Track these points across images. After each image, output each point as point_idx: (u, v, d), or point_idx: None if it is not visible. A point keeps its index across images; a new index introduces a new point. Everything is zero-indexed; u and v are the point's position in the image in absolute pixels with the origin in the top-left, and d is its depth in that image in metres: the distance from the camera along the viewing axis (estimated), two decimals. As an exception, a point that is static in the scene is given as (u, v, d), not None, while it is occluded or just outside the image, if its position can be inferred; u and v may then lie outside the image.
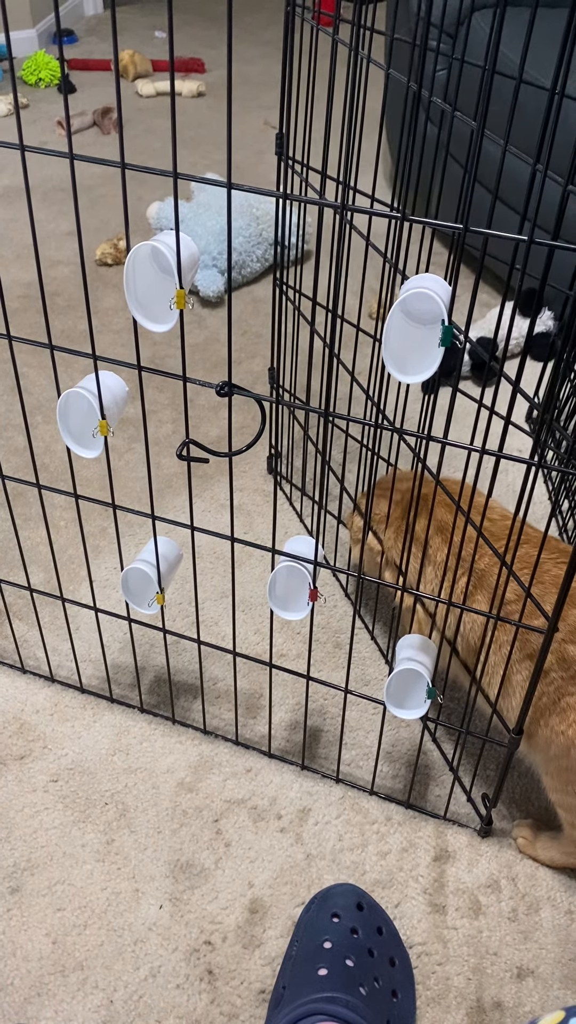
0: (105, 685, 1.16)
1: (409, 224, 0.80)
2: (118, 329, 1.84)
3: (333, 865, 0.99)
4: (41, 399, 1.65)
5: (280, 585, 0.92)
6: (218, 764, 1.08)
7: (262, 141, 2.73)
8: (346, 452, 1.29)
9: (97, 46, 3.48)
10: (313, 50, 1.05)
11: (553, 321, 1.73)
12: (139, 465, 1.51)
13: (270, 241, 1.97)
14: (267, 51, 3.51)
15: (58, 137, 2.70)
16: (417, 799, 1.05)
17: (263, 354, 1.79)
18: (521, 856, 1.00)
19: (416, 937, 0.94)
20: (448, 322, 0.65)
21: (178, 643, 1.22)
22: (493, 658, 0.94)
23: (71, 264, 2.05)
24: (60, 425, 0.85)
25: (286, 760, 1.09)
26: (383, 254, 1.00)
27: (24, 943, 0.92)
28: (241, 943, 0.93)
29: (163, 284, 0.73)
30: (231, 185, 0.67)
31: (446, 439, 0.77)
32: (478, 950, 0.93)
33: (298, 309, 1.29)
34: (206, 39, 3.60)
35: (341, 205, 0.67)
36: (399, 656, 0.91)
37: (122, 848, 1.00)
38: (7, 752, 1.08)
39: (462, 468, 1.48)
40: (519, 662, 0.91)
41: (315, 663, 1.21)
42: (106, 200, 2.34)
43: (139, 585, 0.99)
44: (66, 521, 1.40)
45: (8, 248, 2.12)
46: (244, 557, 1.35)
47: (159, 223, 2.06)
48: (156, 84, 3.05)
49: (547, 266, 0.66)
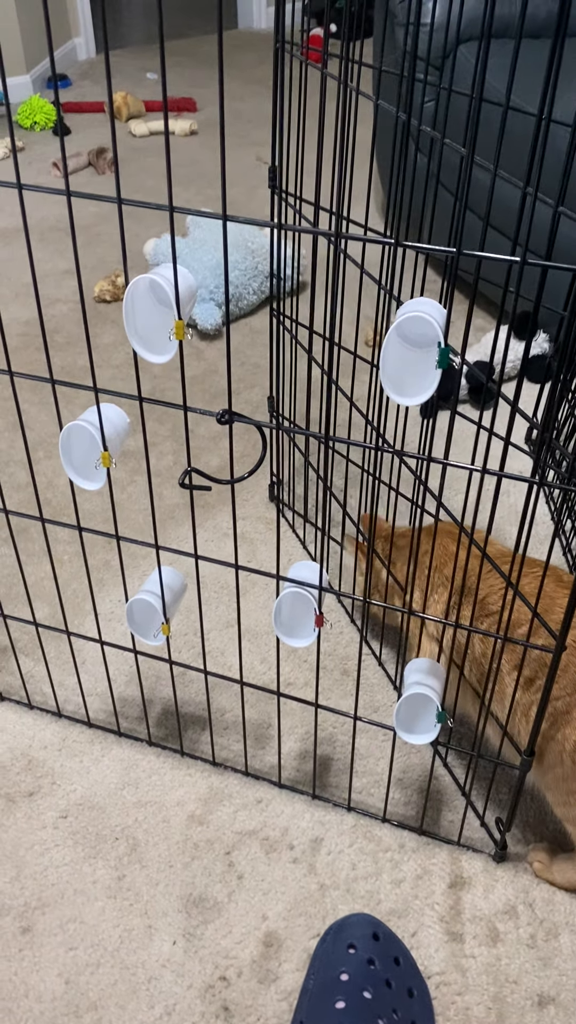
0: (112, 719, 1.15)
1: (403, 251, 0.82)
2: (118, 364, 1.86)
3: (347, 895, 0.98)
4: (42, 435, 1.66)
5: (285, 612, 0.92)
6: (228, 796, 1.07)
7: (254, 177, 2.77)
8: (347, 478, 1.29)
9: (90, 89, 3.54)
10: (303, 85, 1.07)
11: (548, 343, 1.75)
12: (141, 497, 1.51)
13: (266, 274, 2.00)
14: (258, 89, 3.57)
15: (54, 178, 2.74)
16: (430, 825, 1.04)
17: (262, 384, 1.80)
18: (537, 881, 0.99)
19: (434, 967, 0.92)
20: (444, 344, 0.66)
21: (185, 674, 1.22)
22: (502, 680, 0.93)
23: (69, 302, 2.08)
24: (63, 458, 0.85)
25: (297, 790, 1.08)
26: (378, 281, 1.01)
27: (36, 984, 0.91)
28: (257, 978, 0.91)
29: (162, 316, 0.74)
30: (227, 217, 0.68)
31: (447, 460, 0.77)
32: (497, 978, 0.91)
33: (295, 338, 1.30)
34: (197, 79, 3.67)
35: (335, 233, 0.68)
36: (407, 680, 0.91)
37: (133, 884, 0.99)
38: (16, 789, 1.08)
39: (463, 491, 1.48)
40: (523, 683, 0.91)
41: (323, 691, 1.20)
42: (103, 238, 2.37)
43: (144, 616, 0.99)
44: (69, 555, 1.41)
45: (7, 287, 2.14)
46: (248, 586, 1.35)
47: (156, 259, 2.08)
48: (149, 124, 3.11)
49: (540, 287, 0.67)
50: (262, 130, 3.14)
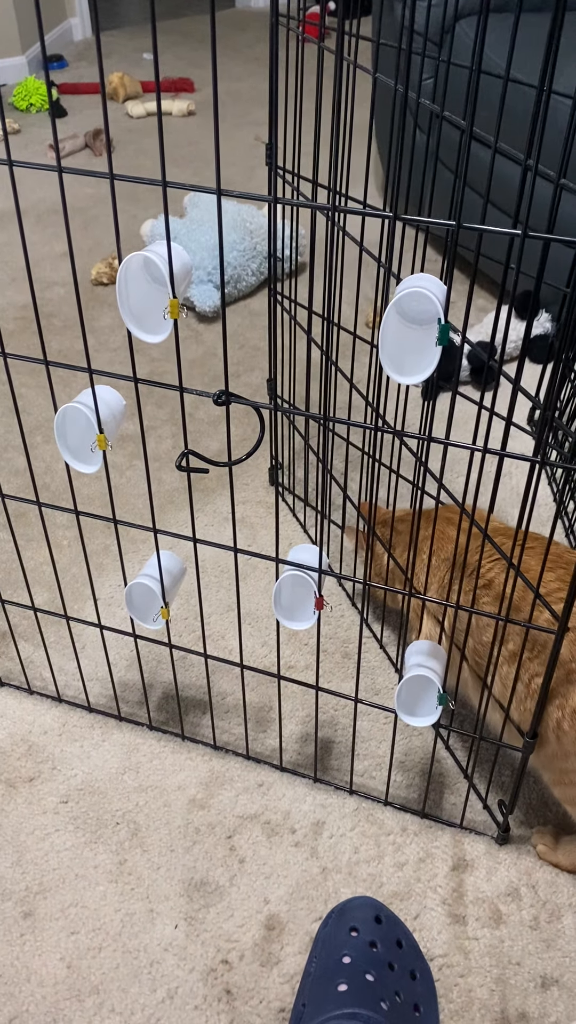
0: (113, 703, 1.15)
1: (403, 227, 0.80)
2: (115, 347, 1.84)
3: (349, 878, 0.98)
4: (40, 419, 1.64)
5: (285, 595, 0.91)
6: (229, 779, 1.07)
7: (253, 157, 2.74)
8: (347, 460, 1.28)
9: (87, 70, 3.50)
10: (300, 62, 1.06)
11: (551, 323, 1.73)
12: (140, 482, 1.50)
13: (264, 255, 1.98)
14: (255, 68, 3.54)
15: (49, 160, 2.71)
16: (432, 808, 1.04)
17: (261, 367, 1.78)
18: (540, 863, 0.99)
19: (437, 949, 0.92)
20: (444, 321, 0.64)
21: (185, 658, 1.21)
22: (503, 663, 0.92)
23: (66, 285, 2.06)
24: (58, 441, 0.84)
25: (298, 773, 1.07)
26: (377, 259, 1.00)
27: (39, 968, 0.91)
28: (259, 961, 0.91)
29: (157, 295, 0.73)
30: (221, 192, 0.67)
31: (448, 440, 0.76)
32: (500, 960, 0.91)
33: (294, 319, 1.28)
34: (194, 60, 3.63)
35: (332, 207, 0.66)
36: (408, 663, 0.90)
37: (135, 868, 0.99)
38: (16, 775, 1.07)
39: (464, 473, 1.47)
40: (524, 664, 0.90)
41: (324, 674, 1.19)
42: (99, 221, 2.35)
43: (143, 600, 0.98)
44: (68, 540, 1.40)
45: (3, 271, 2.13)
46: (248, 570, 1.34)
47: (153, 240, 2.06)
48: (146, 105, 3.07)
49: (542, 263, 0.66)
50: (261, 110, 3.10)
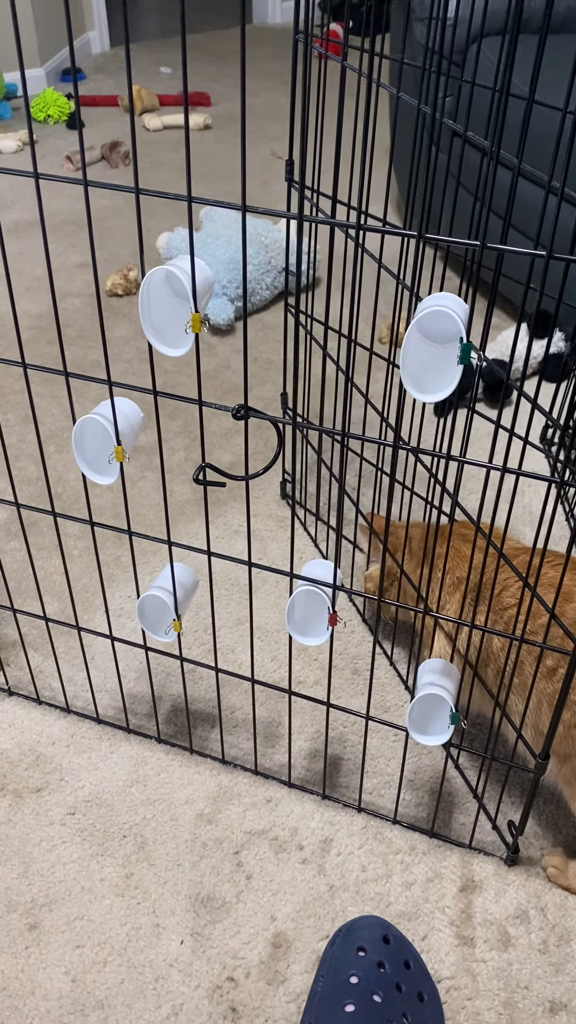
0: (122, 715, 1.15)
1: (423, 246, 0.80)
2: (129, 358, 1.85)
3: (357, 897, 0.97)
4: (53, 429, 1.65)
5: (298, 610, 0.91)
6: (237, 795, 1.06)
7: (268, 172, 2.76)
8: (360, 476, 1.28)
9: (104, 83, 3.53)
10: (322, 78, 1.06)
11: (564, 342, 1.73)
12: (151, 493, 1.51)
13: (279, 269, 1.98)
14: (272, 84, 3.56)
15: (66, 171, 2.73)
16: (441, 828, 1.03)
17: (274, 380, 1.79)
18: (550, 885, 0.98)
19: (444, 971, 0.91)
20: (466, 340, 0.64)
21: (194, 671, 1.21)
22: (516, 680, 0.92)
23: (81, 295, 2.07)
24: (76, 452, 0.84)
25: (306, 789, 1.07)
26: (396, 277, 1.00)
27: (43, 981, 0.90)
28: (265, 979, 0.91)
29: (177, 309, 0.73)
30: (246, 208, 0.67)
31: (464, 458, 0.76)
32: (508, 984, 0.90)
33: (310, 334, 1.29)
34: (210, 74, 3.66)
35: (357, 224, 0.67)
36: (421, 681, 0.90)
37: (141, 882, 0.98)
38: (23, 785, 1.07)
39: (477, 491, 1.47)
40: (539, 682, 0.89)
41: (334, 690, 1.19)
42: (115, 232, 2.36)
43: (156, 612, 0.98)
44: (79, 550, 1.40)
45: (18, 281, 2.14)
46: (259, 583, 1.34)
47: (169, 253, 2.07)
48: (163, 118, 3.10)
49: (563, 284, 0.66)
50: (276, 125, 3.12)
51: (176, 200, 0.67)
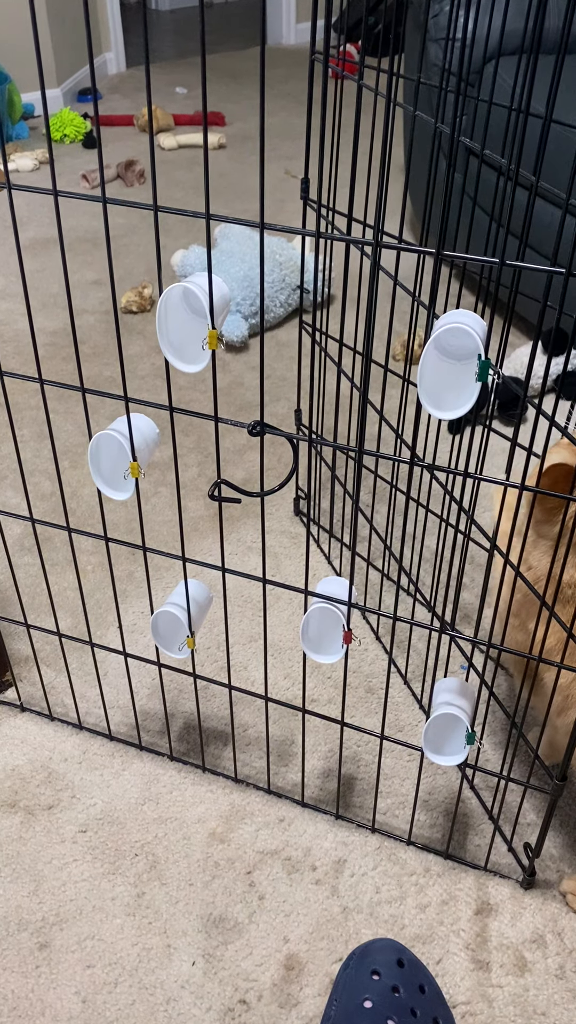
0: (134, 732, 1.14)
1: (439, 264, 0.80)
2: (143, 375, 1.86)
3: (371, 919, 0.96)
4: (67, 444, 1.65)
5: (313, 627, 0.90)
6: (250, 814, 1.06)
7: (282, 191, 2.77)
8: (375, 493, 1.27)
9: (120, 103, 3.57)
10: (339, 98, 1.07)
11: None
12: (165, 509, 1.51)
13: (293, 286, 1.99)
14: (286, 103, 3.59)
15: (82, 190, 2.75)
16: (456, 849, 1.02)
17: (288, 397, 1.79)
18: (566, 909, 0.96)
19: (459, 996, 0.90)
20: (484, 357, 0.64)
21: (207, 688, 1.20)
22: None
23: (96, 312, 2.08)
24: (91, 468, 0.84)
25: (320, 809, 1.06)
26: (413, 294, 1.00)
27: (53, 1002, 0.89)
28: (277, 1002, 0.89)
29: (194, 325, 0.73)
30: (264, 225, 0.67)
31: (480, 475, 0.76)
32: (525, 1010, 0.89)
33: (324, 351, 1.29)
34: (225, 94, 3.69)
35: (375, 242, 0.67)
36: (436, 700, 0.89)
37: (153, 901, 0.97)
38: (35, 802, 1.06)
39: (490, 508, 1.46)
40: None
41: (348, 708, 1.18)
42: (130, 249, 2.38)
43: (169, 629, 0.98)
44: (93, 566, 1.40)
45: (34, 298, 2.15)
46: (272, 600, 1.34)
47: (183, 270, 2.08)
48: (178, 137, 3.12)
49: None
50: (290, 144, 3.15)
51: (191, 218, 0.68)
